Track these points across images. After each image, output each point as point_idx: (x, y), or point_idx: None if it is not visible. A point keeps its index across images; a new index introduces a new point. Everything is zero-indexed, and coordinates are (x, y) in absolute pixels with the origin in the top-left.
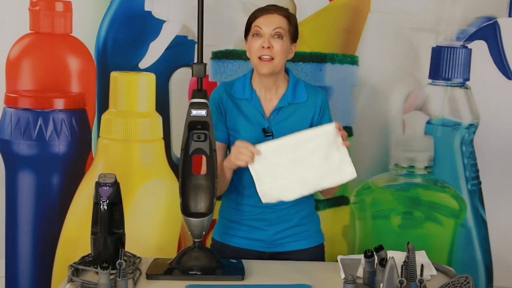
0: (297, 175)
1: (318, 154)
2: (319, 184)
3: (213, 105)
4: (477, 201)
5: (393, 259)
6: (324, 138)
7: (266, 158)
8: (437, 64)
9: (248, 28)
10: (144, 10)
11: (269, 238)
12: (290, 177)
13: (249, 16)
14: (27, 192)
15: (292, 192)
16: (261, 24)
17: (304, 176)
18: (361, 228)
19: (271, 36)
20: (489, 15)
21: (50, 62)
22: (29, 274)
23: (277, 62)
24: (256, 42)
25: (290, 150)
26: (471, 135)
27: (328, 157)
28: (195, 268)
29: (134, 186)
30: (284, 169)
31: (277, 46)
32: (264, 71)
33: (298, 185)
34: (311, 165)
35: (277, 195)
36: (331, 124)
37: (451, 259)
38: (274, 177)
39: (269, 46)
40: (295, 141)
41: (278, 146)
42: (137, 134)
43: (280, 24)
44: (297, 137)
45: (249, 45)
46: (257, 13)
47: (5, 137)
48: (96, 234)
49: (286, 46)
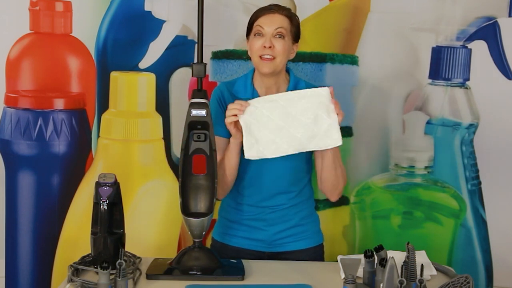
0: (285, 131)
1: (308, 114)
2: (305, 146)
3: (215, 101)
4: (477, 201)
5: (393, 259)
6: (316, 99)
7: (257, 110)
8: (437, 64)
9: (250, 27)
10: (144, 10)
11: (269, 238)
12: (278, 133)
13: (251, 16)
14: (27, 192)
15: (277, 148)
16: (263, 23)
17: (291, 134)
18: (361, 228)
19: (272, 36)
20: (489, 15)
21: (50, 62)
22: (29, 274)
23: (279, 61)
24: (257, 41)
25: (281, 105)
26: (471, 135)
27: (317, 119)
28: (195, 268)
29: (134, 186)
30: (273, 123)
31: (278, 46)
32: (265, 70)
33: (285, 142)
34: (299, 124)
35: (262, 150)
36: (325, 88)
37: (451, 259)
38: (263, 130)
39: (270, 46)
40: (287, 97)
41: (270, 99)
42: (137, 134)
43: (282, 24)
44: (290, 94)
45: (251, 44)
46: (259, 12)
47: (5, 137)
48: (96, 234)
49: (288, 46)
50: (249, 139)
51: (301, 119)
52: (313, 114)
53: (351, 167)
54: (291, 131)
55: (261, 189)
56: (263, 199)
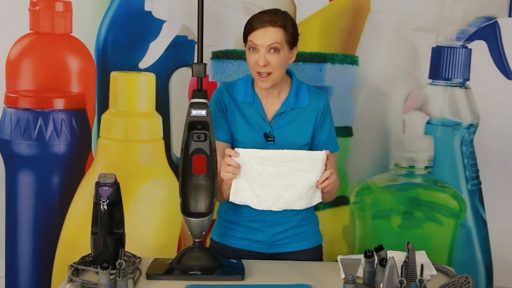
0: (272, 190)
1: (300, 176)
2: (289, 205)
3: (215, 105)
4: (477, 201)
5: (393, 259)
6: (310, 164)
7: (248, 163)
8: (437, 64)
9: (245, 37)
10: (144, 10)
11: (268, 240)
12: (266, 189)
13: (245, 24)
14: (27, 192)
15: (260, 203)
16: (256, 39)
17: (278, 192)
18: (361, 228)
19: (267, 52)
20: (489, 15)
21: (50, 62)
22: (29, 274)
23: (276, 75)
24: (252, 56)
25: (274, 164)
26: (471, 135)
27: (307, 181)
28: (195, 268)
29: (134, 186)
30: (261, 179)
31: (273, 61)
32: (264, 86)
33: (270, 200)
34: (289, 185)
35: (246, 198)
36: (322, 152)
37: (451, 259)
38: (251, 182)
39: (265, 64)
40: (282, 157)
41: (264, 156)
42: (137, 134)
43: (275, 38)
44: (285, 154)
45: (247, 57)
46: (253, 24)
47: (5, 137)
48: (96, 234)
49: (284, 57)
50: (236, 186)
51: (292, 180)
52: (305, 177)
53: (351, 167)
54: (279, 190)
55: None
56: None
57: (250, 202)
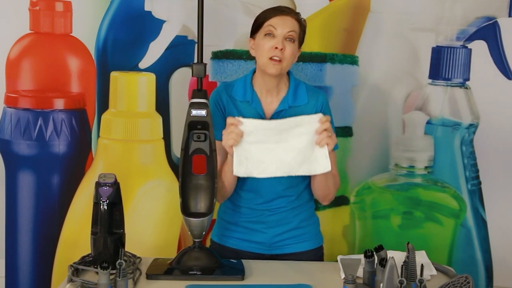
0: (275, 154)
1: (302, 139)
2: (294, 170)
3: (214, 105)
4: (477, 201)
5: (393, 259)
6: (312, 126)
7: (253, 132)
8: (437, 64)
9: (259, 26)
10: (144, 10)
11: (269, 241)
12: (268, 154)
13: (258, 15)
14: (27, 192)
15: (264, 169)
16: (276, 24)
17: (281, 158)
18: (361, 228)
19: (284, 38)
20: (489, 15)
21: (50, 62)
22: (29, 274)
23: (285, 65)
24: (268, 42)
25: (277, 132)
26: (471, 135)
27: (308, 145)
28: (195, 268)
29: (134, 186)
30: (264, 145)
31: (288, 49)
32: (273, 71)
33: (273, 165)
34: (291, 148)
35: (250, 167)
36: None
37: (451, 259)
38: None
39: (282, 48)
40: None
41: (268, 127)
42: (137, 134)
43: (294, 27)
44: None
45: (261, 44)
46: (271, 13)
47: (5, 137)
48: (96, 234)
49: (296, 50)
50: (239, 156)
51: (294, 143)
52: (308, 139)
53: (351, 167)
54: (282, 155)
55: (259, 193)
56: (262, 202)
57: (255, 170)
